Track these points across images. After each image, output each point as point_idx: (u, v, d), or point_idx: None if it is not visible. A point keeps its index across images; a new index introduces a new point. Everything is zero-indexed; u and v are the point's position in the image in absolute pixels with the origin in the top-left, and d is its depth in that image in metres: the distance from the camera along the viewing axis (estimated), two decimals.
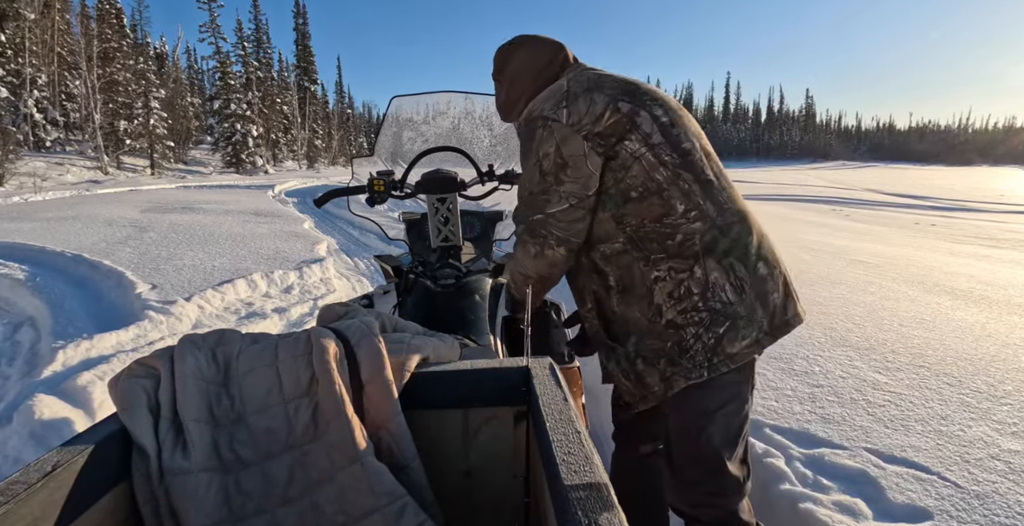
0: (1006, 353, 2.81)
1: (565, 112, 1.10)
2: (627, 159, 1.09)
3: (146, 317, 3.39)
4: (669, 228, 1.08)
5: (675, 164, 1.09)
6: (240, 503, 0.82)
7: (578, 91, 1.12)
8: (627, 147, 1.08)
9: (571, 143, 1.09)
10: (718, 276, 1.07)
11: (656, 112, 1.11)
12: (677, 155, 1.09)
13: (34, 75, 19.80)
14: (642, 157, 1.08)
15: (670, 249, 1.08)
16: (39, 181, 14.42)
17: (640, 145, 1.08)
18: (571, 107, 1.10)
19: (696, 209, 1.08)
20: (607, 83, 1.13)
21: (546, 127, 1.11)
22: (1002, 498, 1.65)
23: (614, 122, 1.09)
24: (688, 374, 1.09)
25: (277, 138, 33.26)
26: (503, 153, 1.99)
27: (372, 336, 0.94)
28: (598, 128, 1.09)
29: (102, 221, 7.57)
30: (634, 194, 1.09)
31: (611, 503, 0.58)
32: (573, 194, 1.11)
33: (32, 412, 2.20)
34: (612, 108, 1.09)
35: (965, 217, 10.78)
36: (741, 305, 1.07)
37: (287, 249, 5.80)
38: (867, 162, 73.59)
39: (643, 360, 1.14)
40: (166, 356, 0.89)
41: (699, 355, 1.08)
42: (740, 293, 1.08)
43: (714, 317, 1.07)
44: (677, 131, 1.11)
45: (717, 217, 1.09)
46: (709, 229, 1.08)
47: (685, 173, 1.09)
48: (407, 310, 1.57)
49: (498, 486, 0.98)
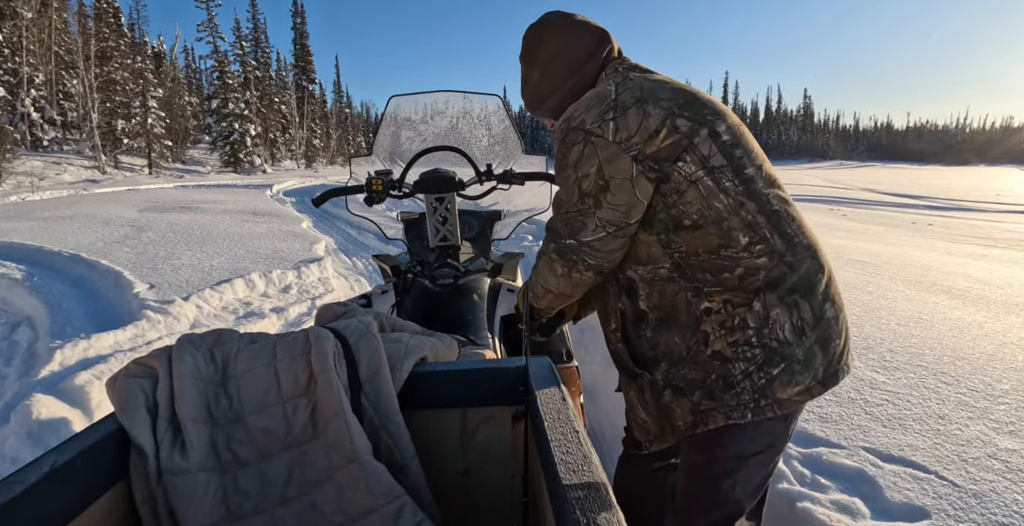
0: (1003, 352, 2.82)
1: (612, 126, 0.95)
2: (681, 183, 0.95)
3: (144, 317, 3.38)
4: (727, 261, 0.95)
5: (737, 192, 0.96)
6: (238, 503, 0.82)
7: (629, 101, 0.96)
8: (682, 169, 0.95)
9: (617, 163, 0.95)
10: (779, 313, 0.95)
11: (718, 128, 0.97)
12: (740, 181, 0.96)
13: (31, 74, 19.74)
14: (699, 182, 0.95)
15: (727, 282, 0.96)
16: (36, 180, 14.38)
17: (698, 167, 0.95)
18: (620, 120, 0.95)
19: (762, 243, 0.95)
20: (663, 93, 0.97)
21: (588, 142, 0.97)
22: (999, 497, 1.65)
23: (671, 143, 0.94)
24: (730, 412, 0.97)
25: (275, 137, 33.21)
26: (501, 153, 1.98)
27: (370, 336, 0.94)
28: (651, 148, 0.94)
29: (100, 220, 7.56)
30: (687, 222, 0.96)
31: (609, 503, 0.58)
32: (612, 223, 0.98)
33: (30, 412, 2.19)
34: (669, 125, 0.94)
35: (962, 216, 10.81)
36: (799, 347, 0.96)
37: (285, 249, 5.79)
38: (865, 162, 73.71)
39: (673, 390, 1.01)
40: (164, 356, 0.89)
41: (745, 394, 0.96)
42: (800, 335, 0.96)
43: (768, 356, 0.95)
44: (740, 153, 0.98)
45: (786, 252, 0.96)
46: (776, 265, 0.96)
47: (749, 202, 0.96)
48: (405, 310, 1.57)
49: (496, 485, 0.98)
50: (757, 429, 1.00)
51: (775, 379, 0.95)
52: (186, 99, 31.70)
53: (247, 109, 28.07)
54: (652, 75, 1.05)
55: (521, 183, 1.72)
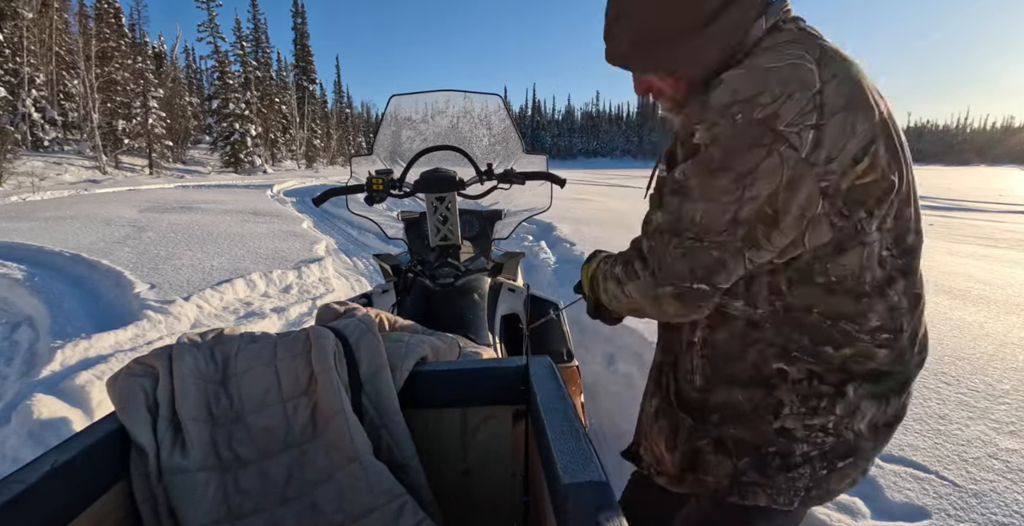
0: (1004, 352, 2.82)
1: (812, 137, 0.66)
2: (850, 240, 0.72)
3: (144, 317, 3.38)
4: (841, 336, 0.77)
5: (894, 266, 0.75)
6: (239, 502, 0.82)
7: (837, 103, 0.67)
8: (859, 224, 0.71)
9: (802, 191, 0.68)
10: (868, 405, 0.81)
11: (907, 175, 0.73)
12: (901, 252, 0.75)
13: (32, 74, 19.76)
14: (868, 245, 0.73)
15: (825, 357, 0.78)
16: (37, 181, 14.40)
17: (876, 226, 0.72)
18: (824, 131, 0.66)
19: (892, 333, 0.77)
20: (863, 95, 0.69)
21: (775, 151, 0.66)
22: (1000, 497, 1.65)
23: (870, 182, 0.69)
24: (775, 497, 0.83)
25: (275, 138, 33.24)
26: (502, 152, 1.98)
27: (371, 335, 0.94)
28: (846, 183, 0.69)
29: (100, 221, 7.56)
30: (820, 280, 0.75)
31: (610, 502, 0.58)
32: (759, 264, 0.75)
33: (30, 412, 2.19)
34: (873, 154, 0.68)
35: (963, 216, 10.80)
36: (870, 442, 0.84)
37: (286, 249, 5.79)
38: None
39: (716, 444, 0.86)
40: (164, 355, 0.89)
41: (800, 481, 0.83)
42: (875, 430, 0.83)
43: (837, 447, 0.82)
44: (911, 213, 0.75)
45: (907, 350, 0.80)
46: (893, 362, 0.79)
47: (901, 281, 0.76)
48: (406, 309, 1.57)
49: (497, 485, 0.98)
50: (791, 517, 0.90)
51: (836, 471, 0.83)
52: (187, 99, 31.73)
53: (248, 109, 28.09)
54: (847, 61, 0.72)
55: (522, 183, 1.72)
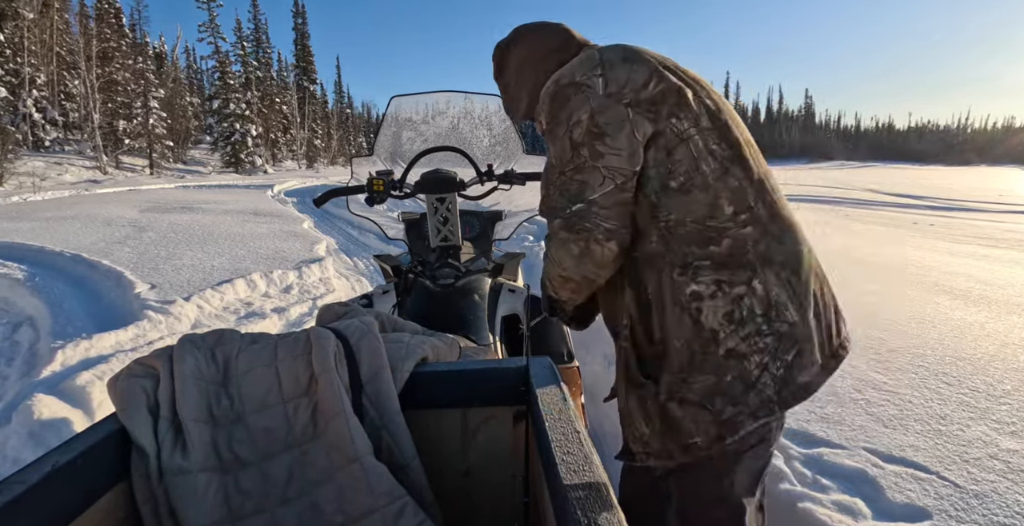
0: (1005, 353, 2.82)
1: (601, 80, 0.93)
2: (672, 139, 0.92)
3: (145, 317, 3.39)
4: (713, 232, 0.91)
5: (723, 156, 0.93)
6: (239, 503, 0.82)
7: (615, 59, 0.96)
8: (673, 125, 0.92)
9: (610, 111, 0.91)
10: (779, 292, 0.90)
11: (701, 93, 0.96)
12: (727, 145, 0.94)
13: (33, 75, 19.78)
14: (690, 140, 0.92)
15: (715, 256, 0.90)
16: (38, 181, 14.41)
17: (690, 125, 0.92)
18: (608, 74, 0.93)
19: (747, 212, 0.92)
20: (646, 54, 0.98)
21: (579, 92, 0.93)
22: (1001, 497, 1.65)
23: (663, 89, 0.92)
24: (756, 412, 0.90)
25: (276, 138, 33.25)
26: (502, 153, 1.99)
27: (371, 336, 0.94)
28: (643, 95, 0.92)
29: (101, 221, 7.57)
30: (674, 184, 0.92)
31: (610, 503, 0.58)
32: (617, 171, 0.91)
33: (31, 412, 2.20)
34: (657, 77, 0.93)
35: (964, 217, 10.79)
36: (806, 326, 0.92)
37: (286, 249, 5.79)
38: (866, 162, 73.60)
39: (680, 403, 0.93)
40: (165, 356, 0.89)
41: (768, 389, 0.90)
42: (802, 311, 0.92)
43: (780, 341, 0.90)
44: (726, 118, 0.96)
45: (769, 222, 0.93)
46: (763, 236, 0.92)
47: (735, 168, 0.93)
48: (406, 310, 1.57)
49: (497, 486, 0.98)
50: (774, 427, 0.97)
51: (792, 365, 0.90)
52: (187, 99, 31.75)
53: (248, 109, 28.12)
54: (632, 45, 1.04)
55: (522, 183, 1.73)
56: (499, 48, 1.19)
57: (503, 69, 1.19)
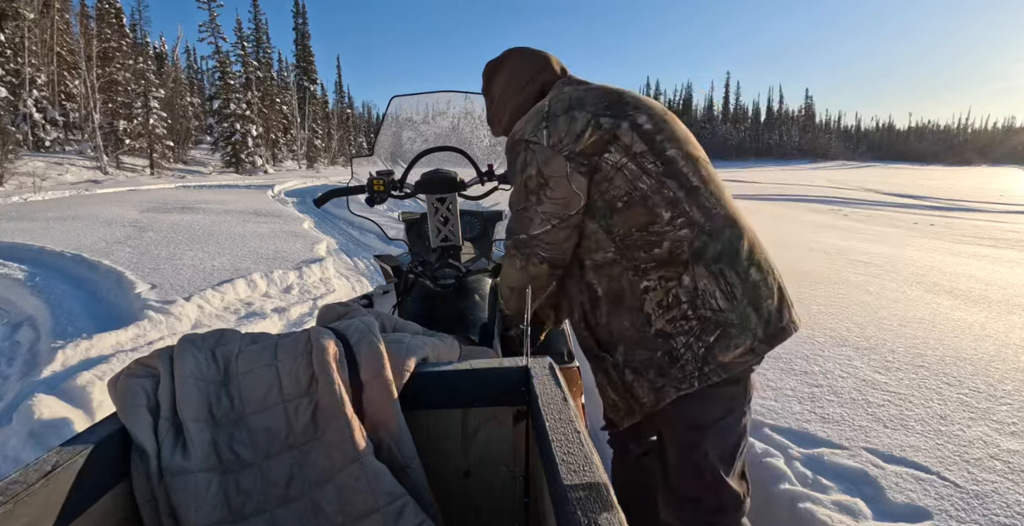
0: (1006, 353, 2.81)
1: (545, 133, 1.10)
2: (609, 171, 1.08)
3: (145, 317, 3.39)
4: (655, 236, 1.06)
5: (659, 172, 1.07)
6: (240, 503, 0.82)
7: (558, 111, 1.11)
8: (607, 160, 1.08)
9: (553, 164, 1.08)
10: (707, 283, 1.05)
11: (639, 120, 1.10)
12: (660, 163, 1.08)
13: (33, 75, 19.79)
14: (624, 167, 1.07)
15: (659, 257, 1.06)
16: (38, 181, 14.41)
17: (621, 156, 1.08)
18: (551, 127, 1.10)
19: (682, 216, 1.06)
20: (589, 99, 1.12)
21: (528, 149, 1.12)
22: (1001, 498, 1.65)
23: (595, 140, 1.08)
24: (679, 384, 1.06)
25: (276, 138, 33.25)
26: (502, 153, 1.98)
27: (372, 336, 0.94)
28: (579, 146, 1.08)
29: (101, 221, 7.57)
30: (619, 204, 1.08)
31: (611, 503, 0.58)
32: (554, 215, 1.11)
33: (31, 412, 2.20)
34: (593, 125, 1.08)
35: (964, 217, 10.79)
36: (733, 312, 1.05)
37: (287, 249, 5.80)
38: (866, 162, 73.60)
39: (632, 371, 1.11)
40: (166, 356, 0.89)
41: (689, 365, 1.05)
42: (731, 300, 1.05)
43: (704, 325, 1.04)
44: (661, 138, 1.10)
45: (705, 223, 1.07)
46: (697, 235, 1.06)
47: (669, 181, 1.07)
48: (407, 310, 1.57)
49: (498, 486, 0.98)
50: (709, 396, 1.08)
51: (714, 345, 1.04)
52: (188, 100, 31.76)
53: (249, 109, 28.11)
54: (585, 86, 1.19)
55: None
56: (489, 66, 1.34)
57: (491, 85, 1.34)
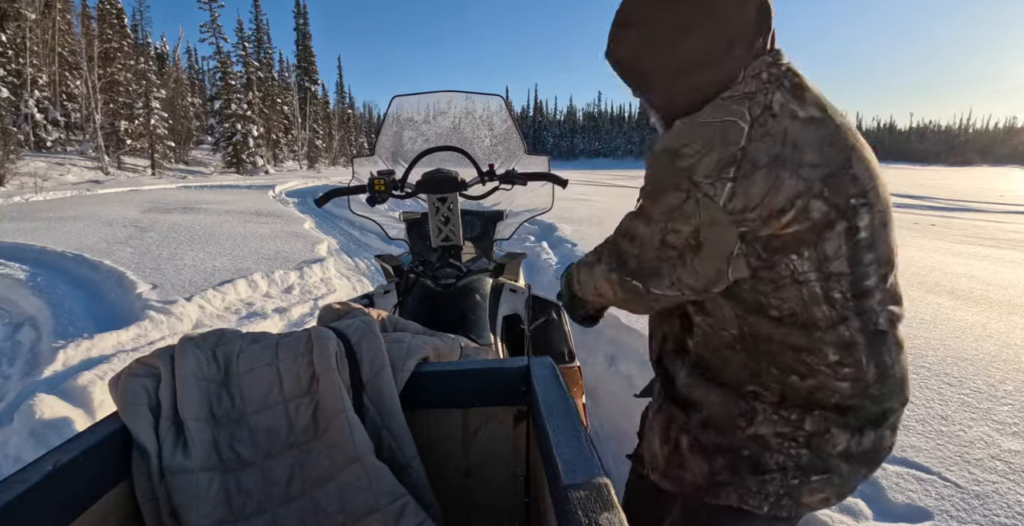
0: (1007, 353, 2.81)
1: (728, 189, 0.73)
2: (783, 278, 0.77)
3: (147, 317, 3.39)
4: (803, 367, 0.81)
5: (846, 306, 0.78)
6: (241, 502, 0.82)
7: (761, 159, 0.72)
8: (791, 265, 0.76)
9: (720, 234, 0.76)
10: (839, 432, 0.83)
11: (859, 223, 0.75)
12: (853, 295, 0.78)
13: (35, 75, 19.82)
14: (806, 284, 0.77)
15: (792, 385, 0.82)
16: (40, 181, 14.43)
17: (811, 268, 0.76)
18: (740, 185, 0.72)
19: (853, 367, 0.80)
20: (810, 152, 0.73)
21: (692, 198, 0.75)
22: (1002, 498, 1.65)
23: (793, 233, 0.74)
24: (745, 498, 0.86)
25: (278, 138, 33.26)
26: (504, 153, 1.99)
27: (373, 336, 0.94)
28: (767, 231, 0.74)
29: (103, 221, 7.58)
30: (773, 313, 0.80)
31: (611, 503, 0.58)
32: (690, 288, 0.81)
33: (33, 412, 2.20)
34: (800, 207, 0.72)
35: (965, 217, 10.77)
36: (847, 465, 0.85)
37: (288, 249, 5.80)
38: None
39: (696, 445, 0.90)
40: (166, 355, 0.89)
41: (771, 485, 0.85)
42: (849, 456, 0.85)
43: (813, 461, 0.84)
44: (870, 259, 0.78)
45: (874, 384, 0.82)
46: (856, 395, 0.82)
47: (854, 319, 0.79)
48: (407, 310, 1.57)
49: (498, 486, 0.98)
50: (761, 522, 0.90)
51: (808, 484, 0.85)
52: (189, 100, 31.81)
53: (250, 110, 28.13)
54: (804, 104, 0.77)
55: (523, 183, 1.72)
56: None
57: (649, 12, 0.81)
